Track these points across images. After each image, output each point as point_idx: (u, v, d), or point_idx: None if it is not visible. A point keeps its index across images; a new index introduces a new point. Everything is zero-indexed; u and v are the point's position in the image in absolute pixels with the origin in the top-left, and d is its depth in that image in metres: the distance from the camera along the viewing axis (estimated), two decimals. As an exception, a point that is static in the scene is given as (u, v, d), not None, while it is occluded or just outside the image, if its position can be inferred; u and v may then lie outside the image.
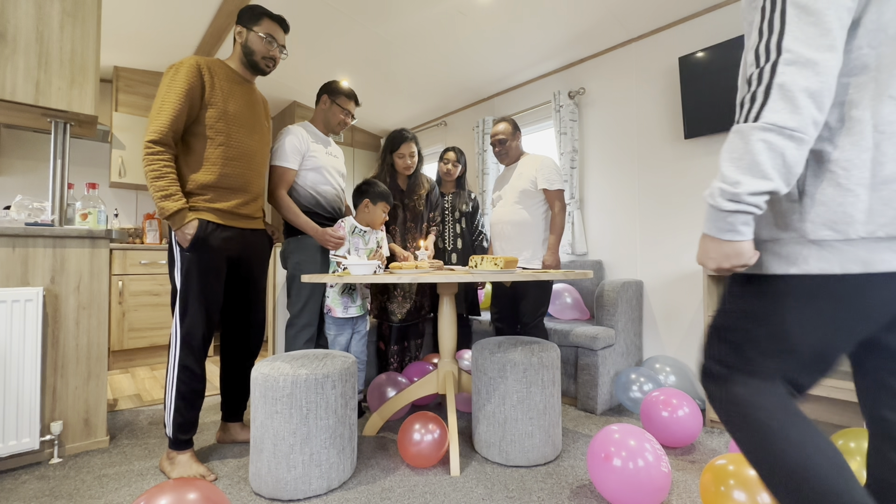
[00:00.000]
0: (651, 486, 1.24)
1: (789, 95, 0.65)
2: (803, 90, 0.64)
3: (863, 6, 0.68)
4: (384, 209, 2.05)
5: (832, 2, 0.64)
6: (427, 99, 3.77)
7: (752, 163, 0.67)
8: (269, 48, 1.69)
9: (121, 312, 3.10)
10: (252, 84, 1.77)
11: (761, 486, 1.09)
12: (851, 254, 0.68)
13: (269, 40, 1.68)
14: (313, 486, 1.40)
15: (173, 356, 1.54)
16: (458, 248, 2.52)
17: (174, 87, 1.51)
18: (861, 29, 0.68)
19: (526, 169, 2.26)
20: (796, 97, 0.64)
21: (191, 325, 1.54)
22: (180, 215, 1.50)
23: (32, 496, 1.41)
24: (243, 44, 1.68)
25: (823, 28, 0.64)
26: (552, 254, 2.16)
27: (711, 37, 2.32)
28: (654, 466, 1.25)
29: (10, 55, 1.65)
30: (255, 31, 1.66)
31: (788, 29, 0.66)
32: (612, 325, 2.28)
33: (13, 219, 1.68)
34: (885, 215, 0.66)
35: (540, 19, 2.55)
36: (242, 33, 1.68)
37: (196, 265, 1.54)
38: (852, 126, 0.68)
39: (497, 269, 1.53)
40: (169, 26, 2.87)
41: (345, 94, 2.09)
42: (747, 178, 0.68)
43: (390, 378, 2.08)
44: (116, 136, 3.38)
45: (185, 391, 1.54)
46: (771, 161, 0.66)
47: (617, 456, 1.27)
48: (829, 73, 0.64)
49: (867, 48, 0.68)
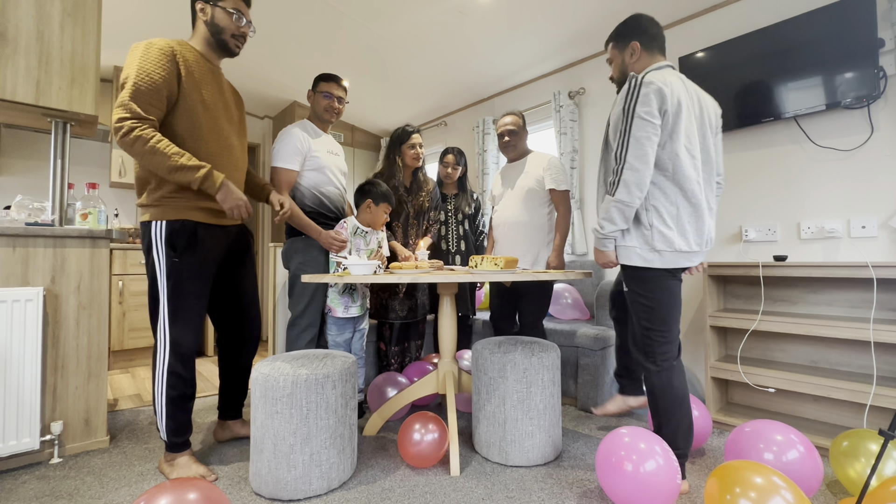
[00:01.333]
0: (662, 490, 1.22)
1: (627, 185, 1.33)
2: (633, 182, 1.33)
3: (664, 141, 1.35)
4: (386, 210, 2.05)
5: (649, 139, 1.31)
6: (427, 99, 3.77)
7: (608, 217, 1.40)
8: (238, 24, 1.54)
9: (121, 312, 3.11)
10: (219, 68, 1.63)
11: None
12: (671, 259, 1.39)
13: (237, 16, 1.53)
14: (313, 486, 1.40)
15: (161, 363, 1.48)
16: (461, 249, 2.52)
17: (149, 58, 1.38)
18: (663, 151, 1.36)
19: (532, 167, 2.21)
20: (630, 186, 1.33)
21: (181, 330, 1.49)
22: (212, 176, 1.40)
23: (32, 496, 1.41)
24: (208, 21, 1.52)
25: (644, 151, 1.32)
26: (557, 255, 2.12)
27: (711, 37, 2.32)
28: (665, 469, 1.23)
29: (10, 55, 1.65)
30: (221, 5, 1.51)
31: (630, 150, 1.33)
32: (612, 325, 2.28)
33: (13, 219, 1.68)
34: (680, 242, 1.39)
35: (540, 19, 2.55)
36: (206, 10, 1.51)
37: (185, 269, 1.48)
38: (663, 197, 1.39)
39: (497, 269, 1.53)
40: (169, 26, 2.87)
41: (322, 79, 2.03)
42: (607, 224, 1.41)
43: (390, 378, 2.08)
44: (116, 136, 3.37)
45: (175, 397, 1.49)
46: (619, 215, 1.38)
47: (628, 460, 1.25)
48: (647, 174, 1.33)
49: (666, 160, 1.37)
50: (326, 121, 2.07)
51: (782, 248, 2.10)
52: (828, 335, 1.72)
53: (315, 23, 2.72)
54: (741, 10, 2.23)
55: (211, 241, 1.55)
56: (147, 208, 1.49)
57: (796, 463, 1.31)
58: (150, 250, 1.48)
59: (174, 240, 1.46)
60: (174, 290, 1.48)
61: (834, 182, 1.97)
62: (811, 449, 1.34)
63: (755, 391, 2.06)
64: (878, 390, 1.59)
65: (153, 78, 1.38)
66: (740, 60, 2.15)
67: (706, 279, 2.04)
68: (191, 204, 1.48)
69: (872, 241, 1.88)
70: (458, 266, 2.38)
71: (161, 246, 1.46)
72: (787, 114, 2.02)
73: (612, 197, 1.35)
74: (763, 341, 2.10)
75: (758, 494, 1.06)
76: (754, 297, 2.12)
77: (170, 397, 1.49)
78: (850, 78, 1.86)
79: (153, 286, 1.50)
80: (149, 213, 1.48)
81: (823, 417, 1.92)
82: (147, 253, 1.49)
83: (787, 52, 2.00)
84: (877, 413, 1.74)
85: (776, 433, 1.37)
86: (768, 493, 1.06)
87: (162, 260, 1.46)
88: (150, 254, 1.48)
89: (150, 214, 1.47)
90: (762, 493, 1.06)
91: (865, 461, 1.31)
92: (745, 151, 2.24)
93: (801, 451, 1.32)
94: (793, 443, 1.34)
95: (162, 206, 1.46)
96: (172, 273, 1.47)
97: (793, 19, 1.99)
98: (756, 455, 1.36)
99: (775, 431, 1.38)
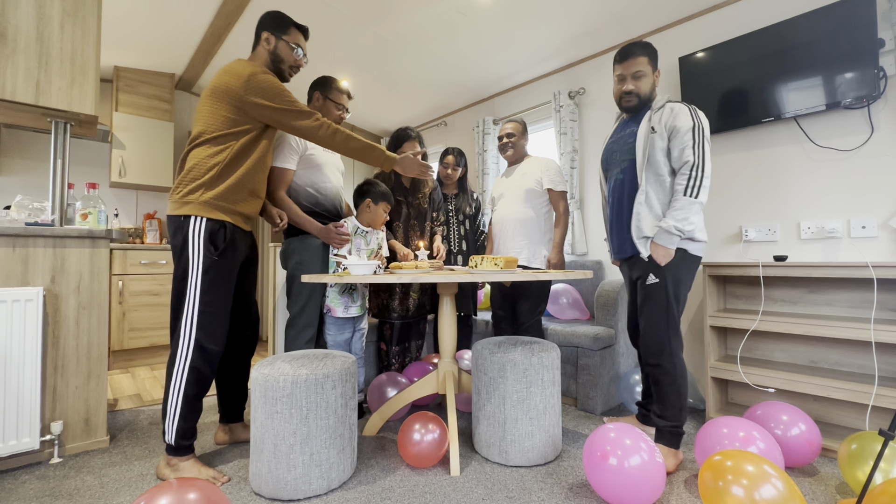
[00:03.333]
0: (647, 484, 1.26)
1: (706, 190, 1.58)
2: (707, 189, 1.59)
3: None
4: (385, 209, 2.05)
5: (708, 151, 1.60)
6: (427, 99, 3.77)
7: (688, 216, 1.57)
8: (297, 58, 1.72)
9: (121, 312, 3.11)
10: None
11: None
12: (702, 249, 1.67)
13: (298, 51, 1.71)
14: (313, 486, 1.40)
15: (182, 360, 1.48)
16: (462, 249, 2.53)
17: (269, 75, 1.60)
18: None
19: (531, 169, 2.28)
20: (707, 191, 1.59)
21: (210, 326, 1.51)
22: (392, 157, 1.77)
23: (32, 496, 1.41)
24: (271, 51, 1.67)
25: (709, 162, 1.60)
26: (557, 252, 2.19)
27: (711, 37, 2.32)
28: (649, 464, 1.27)
29: (10, 55, 1.65)
30: (285, 39, 1.68)
31: (707, 163, 1.58)
32: (612, 325, 2.28)
33: (13, 219, 1.68)
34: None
35: (540, 19, 2.55)
36: (270, 40, 1.67)
37: (221, 268, 1.53)
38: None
39: (497, 269, 1.53)
40: (169, 26, 2.87)
41: (337, 89, 2.07)
42: (686, 223, 1.58)
43: (390, 378, 2.08)
44: (116, 136, 3.38)
45: (192, 396, 1.50)
46: (698, 215, 1.60)
47: (613, 455, 1.28)
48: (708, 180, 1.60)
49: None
50: None
51: (782, 248, 2.10)
52: (828, 335, 1.72)
53: (315, 23, 2.71)
54: (741, 10, 2.23)
55: (241, 244, 1.63)
56: (188, 204, 1.50)
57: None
58: (184, 245, 1.50)
59: (215, 238, 1.51)
60: (209, 287, 1.50)
61: (834, 182, 1.97)
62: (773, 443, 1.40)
63: (755, 391, 2.06)
64: (880, 390, 1.59)
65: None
66: (740, 60, 2.15)
67: (706, 279, 2.03)
68: (232, 207, 1.55)
69: (872, 242, 1.88)
70: (459, 266, 2.38)
71: (199, 242, 1.49)
72: (787, 114, 2.02)
73: (696, 199, 1.56)
74: (763, 341, 2.10)
75: (749, 483, 1.13)
76: (754, 297, 2.12)
77: (186, 396, 1.49)
78: (850, 78, 1.86)
79: (183, 280, 1.51)
80: (187, 208, 1.50)
81: (824, 417, 1.92)
82: (181, 247, 1.51)
83: (788, 52, 2.00)
84: (878, 413, 1.74)
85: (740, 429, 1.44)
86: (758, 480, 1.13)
87: (199, 256, 1.49)
88: (184, 249, 1.50)
89: (192, 209, 1.50)
90: (755, 480, 1.13)
91: (870, 462, 1.31)
92: (745, 151, 2.24)
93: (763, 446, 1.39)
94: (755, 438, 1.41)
95: (206, 204, 1.51)
96: (209, 270, 1.50)
97: (793, 19, 1.99)
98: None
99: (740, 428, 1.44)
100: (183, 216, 1.51)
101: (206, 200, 1.50)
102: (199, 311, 1.49)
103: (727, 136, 2.28)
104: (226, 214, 1.54)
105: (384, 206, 2.04)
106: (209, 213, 1.50)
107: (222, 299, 1.55)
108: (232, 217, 1.56)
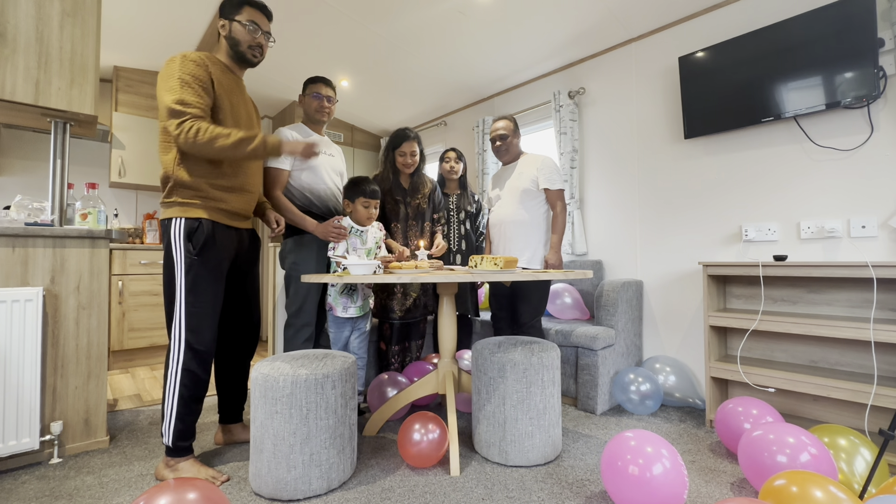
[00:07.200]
0: (669, 494, 1.21)
1: None
2: None
3: None
4: (364, 204, 2.01)
5: None
6: (427, 99, 3.77)
7: None
8: (254, 36, 1.63)
9: (121, 312, 3.10)
10: (241, 79, 1.72)
11: None
12: None
13: (252, 28, 1.62)
14: (313, 486, 1.40)
15: (175, 361, 1.49)
16: (462, 248, 2.52)
17: (187, 69, 1.46)
18: None
19: (526, 168, 2.25)
20: None
21: (197, 327, 1.51)
22: (273, 140, 1.51)
23: (32, 496, 1.41)
24: (227, 36, 1.62)
25: None
26: (555, 252, 2.17)
27: (711, 37, 2.31)
28: (672, 474, 1.22)
29: (9, 55, 1.65)
30: (238, 20, 1.60)
31: None
32: (612, 325, 2.28)
33: (13, 219, 1.67)
34: None
35: (540, 19, 2.55)
36: (226, 26, 1.62)
37: (203, 266, 1.52)
38: None
39: (497, 269, 1.53)
40: (169, 26, 2.87)
41: (310, 82, 2.08)
42: None
43: (390, 378, 2.08)
44: (116, 136, 3.38)
45: (188, 397, 1.50)
46: None
47: (633, 464, 1.24)
48: None
49: None
50: (319, 121, 2.11)
51: (782, 247, 2.10)
52: (828, 335, 1.72)
53: (315, 23, 2.72)
54: (741, 10, 2.23)
55: (225, 241, 1.60)
56: (168, 207, 1.53)
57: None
58: (169, 247, 1.52)
59: (192, 237, 1.51)
60: (192, 286, 1.50)
61: (834, 182, 1.97)
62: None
63: (755, 391, 2.06)
64: (879, 390, 1.59)
65: (196, 74, 1.48)
66: (740, 60, 2.15)
67: (706, 279, 2.03)
68: (208, 204, 1.54)
69: (872, 241, 1.88)
70: (459, 266, 2.38)
71: (180, 242, 1.50)
72: (787, 113, 2.02)
73: None
74: (763, 341, 2.10)
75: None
76: (754, 297, 2.12)
77: (182, 397, 1.49)
78: (850, 78, 1.85)
79: (170, 283, 1.52)
80: (169, 211, 1.52)
81: (823, 417, 1.92)
82: (166, 250, 1.53)
83: (787, 51, 2.00)
84: (878, 413, 1.74)
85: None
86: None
87: (181, 256, 1.50)
88: (168, 250, 1.52)
89: (170, 212, 1.52)
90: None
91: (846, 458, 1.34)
92: (745, 151, 2.23)
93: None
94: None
95: (181, 204, 1.51)
96: (191, 269, 1.50)
97: (793, 19, 1.99)
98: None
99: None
100: (167, 219, 1.52)
101: (183, 201, 1.51)
102: (186, 313, 1.50)
103: (727, 135, 2.28)
104: (204, 211, 1.52)
105: (362, 202, 2.00)
106: (186, 213, 1.51)
107: (208, 299, 1.53)
108: (211, 214, 1.54)
